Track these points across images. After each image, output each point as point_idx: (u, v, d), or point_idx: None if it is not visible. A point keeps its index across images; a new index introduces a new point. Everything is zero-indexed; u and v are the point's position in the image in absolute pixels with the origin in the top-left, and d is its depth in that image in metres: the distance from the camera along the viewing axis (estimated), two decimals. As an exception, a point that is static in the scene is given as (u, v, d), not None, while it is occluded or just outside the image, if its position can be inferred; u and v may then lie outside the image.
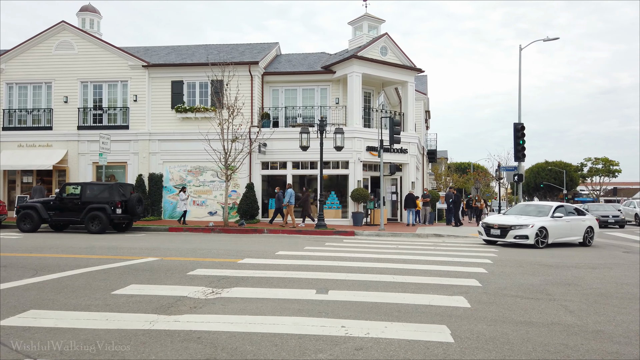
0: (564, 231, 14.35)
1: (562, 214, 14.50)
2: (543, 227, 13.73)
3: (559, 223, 14.25)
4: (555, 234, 14.05)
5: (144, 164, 22.54)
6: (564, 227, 14.37)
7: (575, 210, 15.32)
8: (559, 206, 15.00)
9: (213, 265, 8.68)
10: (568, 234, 14.45)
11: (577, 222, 14.76)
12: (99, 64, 23.03)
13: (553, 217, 14.27)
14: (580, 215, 15.12)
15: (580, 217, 15.00)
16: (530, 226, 13.66)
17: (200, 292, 6.26)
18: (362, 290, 6.59)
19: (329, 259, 9.88)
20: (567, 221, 14.47)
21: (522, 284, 7.38)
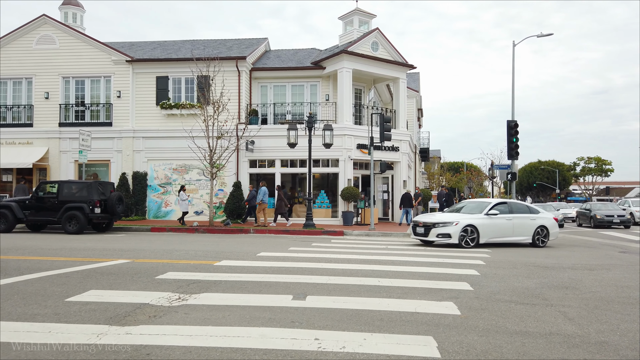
0: (503, 230, 13.21)
1: (498, 211, 13.29)
2: (471, 225, 12.70)
3: (494, 221, 13.12)
4: (489, 233, 12.97)
5: (128, 162, 21.85)
6: (503, 226, 13.20)
7: (526, 208, 14.09)
8: (498, 203, 13.72)
9: (187, 268, 8.09)
10: (508, 234, 13.29)
11: (523, 221, 13.49)
12: (81, 58, 22.31)
13: (488, 214, 13.15)
14: (531, 213, 13.81)
15: (529, 216, 13.68)
16: (454, 224, 12.67)
17: (165, 299, 5.68)
18: (344, 296, 6.04)
19: (313, 260, 9.33)
20: (507, 219, 13.29)
21: (517, 288, 6.87)
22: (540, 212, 14.04)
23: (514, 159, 22.53)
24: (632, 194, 72.87)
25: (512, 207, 13.80)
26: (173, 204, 21.77)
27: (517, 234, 13.43)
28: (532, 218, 13.70)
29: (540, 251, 12.37)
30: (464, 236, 12.66)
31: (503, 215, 13.34)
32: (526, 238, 13.53)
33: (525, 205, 14.32)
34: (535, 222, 13.64)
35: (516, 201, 14.51)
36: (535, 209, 14.22)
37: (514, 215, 13.52)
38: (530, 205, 14.69)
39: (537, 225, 13.61)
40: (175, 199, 21.73)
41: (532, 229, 13.55)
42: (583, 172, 72.09)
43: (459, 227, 12.64)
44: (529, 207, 14.21)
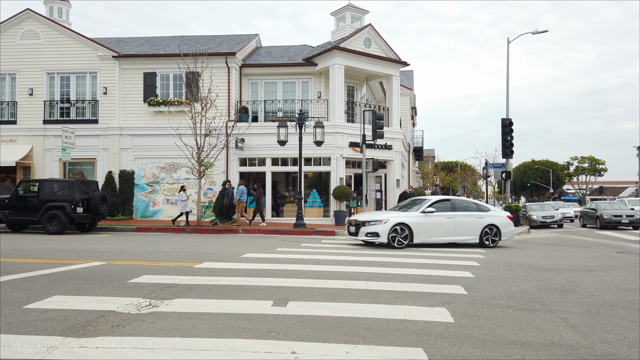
0: (443, 229, 12.33)
1: (435, 209, 12.36)
2: (402, 223, 11.87)
3: (431, 220, 12.23)
4: (426, 232, 12.13)
5: (115, 161, 21.29)
6: (443, 225, 12.33)
7: (474, 206, 13.08)
8: (439, 200, 12.79)
9: (164, 270, 7.62)
10: (449, 233, 12.40)
11: (468, 219, 12.58)
12: (66, 54, 21.71)
13: (424, 212, 12.26)
14: (480, 211, 12.89)
15: (476, 214, 12.75)
16: (382, 222, 11.87)
17: (134, 306, 5.21)
18: (328, 301, 5.60)
19: (300, 262, 8.88)
20: (448, 217, 12.40)
21: (514, 291, 6.46)
22: (491, 210, 13.20)
23: (508, 157, 22.23)
24: (626, 193, 73.05)
25: (455, 204, 12.87)
26: (161, 203, 21.25)
27: (460, 234, 12.52)
28: (479, 216, 12.78)
29: (537, 252, 12.00)
30: (395, 236, 11.82)
31: (442, 213, 12.44)
32: (472, 238, 12.62)
33: (474, 203, 13.31)
34: (483, 220, 12.73)
35: (462, 198, 13.54)
36: (485, 207, 13.29)
37: (457, 213, 12.59)
38: (481, 202, 13.68)
39: (486, 224, 12.69)
40: (162, 199, 21.23)
41: (479, 228, 12.65)
42: (577, 172, 72.16)
43: (388, 226, 11.81)
44: (477, 205, 13.22)
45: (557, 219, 24.55)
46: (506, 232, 13.02)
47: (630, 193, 69.25)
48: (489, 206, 13.55)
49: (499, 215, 13.15)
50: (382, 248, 11.91)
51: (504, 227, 12.97)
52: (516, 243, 14.60)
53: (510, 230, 13.21)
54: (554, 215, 24.59)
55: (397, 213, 12.65)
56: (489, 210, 13.16)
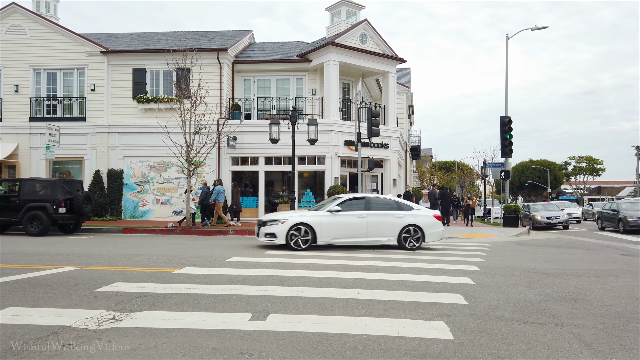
0: (353, 230, 11.33)
1: (340, 208, 11.37)
2: (303, 223, 11.02)
3: (339, 219, 11.27)
4: (332, 232, 11.19)
5: (103, 159, 20.65)
6: (352, 225, 11.32)
7: (394, 204, 11.94)
8: (351, 198, 11.81)
9: (139, 277, 7.04)
10: (361, 234, 11.38)
11: (383, 219, 11.51)
12: (53, 50, 21.06)
13: (330, 211, 11.33)
14: (400, 210, 11.78)
15: (394, 213, 11.64)
16: (280, 222, 11.07)
17: (94, 320, 4.64)
18: (314, 314, 5.03)
19: (288, 267, 8.31)
20: (359, 217, 11.36)
21: (518, 301, 5.91)
22: (414, 210, 12.01)
23: (507, 156, 21.73)
24: (624, 193, 72.78)
25: (370, 203, 11.80)
26: (151, 203, 20.64)
27: (374, 234, 11.47)
28: (397, 216, 11.65)
29: (538, 254, 11.46)
30: (295, 236, 10.99)
31: (352, 213, 11.43)
32: (388, 239, 11.56)
33: (394, 201, 12.13)
34: (402, 220, 11.61)
35: (380, 196, 12.45)
36: (407, 206, 12.11)
37: (371, 212, 11.53)
38: (402, 201, 12.51)
39: (405, 225, 11.56)
40: (152, 199, 20.63)
41: (397, 229, 11.54)
42: (574, 172, 71.83)
43: (286, 226, 10.98)
44: (398, 204, 12.06)
45: (563, 220, 23.14)
46: (431, 234, 11.83)
47: (629, 193, 68.98)
48: (412, 205, 12.33)
49: (422, 215, 11.93)
50: (378, 251, 11.35)
51: (428, 228, 11.77)
52: (516, 245, 14.07)
53: (437, 232, 12.00)
54: (560, 216, 23.19)
55: (300, 212, 12.11)
56: (411, 209, 11.95)
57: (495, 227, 21.05)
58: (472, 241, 14.94)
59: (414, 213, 11.89)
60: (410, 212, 11.86)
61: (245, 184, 21.62)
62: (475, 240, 15.31)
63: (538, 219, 22.97)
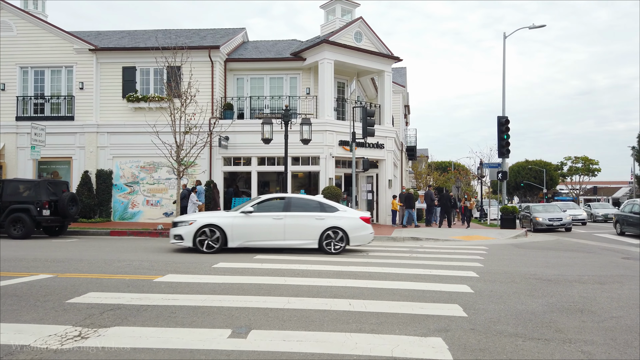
0: (268, 232, 10.75)
1: (255, 209, 10.89)
2: (213, 225, 10.53)
3: (253, 221, 10.73)
4: (245, 234, 10.67)
5: (92, 159, 20.15)
6: (268, 227, 10.73)
7: (317, 205, 11.18)
8: (269, 199, 11.33)
9: (117, 285, 6.60)
10: (277, 237, 10.76)
11: (303, 221, 10.85)
12: (41, 47, 20.54)
13: (244, 212, 10.82)
14: (323, 212, 11.05)
15: (315, 215, 10.93)
16: (188, 223, 10.68)
17: (57, 337, 4.21)
18: (300, 329, 4.61)
19: (277, 273, 7.89)
20: (275, 218, 10.76)
21: (521, 312, 5.52)
22: (339, 211, 11.25)
23: (504, 156, 21.40)
24: (620, 193, 72.80)
25: (290, 203, 11.13)
26: (141, 204, 20.16)
27: (292, 237, 10.83)
28: (319, 217, 10.95)
29: (538, 258, 11.08)
30: (204, 239, 10.50)
31: (268, 214, 10.87)
32: (308, 242, 10.88)
33: (317, 202, 11.34)
34: (323, 222, 10.91)
35: (303, 197, 11.80)
36: (331, 207, 11.31)
37: (289, 213, 10.90)
38: (327, 202, 11.60)
39: (327, 227, 10.86)
40: (142, 200, 20.15)
41: (318, 231, 10.84)
42: (570, 172, 71.71)
43: (193, 228, 10.53)
44: (321, 205, 11.28)
45: (565, 222, 21.62)
46: (356, 237, 11.10)
47: (624, 193, 68.98)
48: (339, 206, 11.55)
49: (347, 217, 11.16)
50: (373, 256, 10.94)
51: (353, 231, 11.03)
52: (515, 248, 13.71)
53: (363, 235, 11.24)
54: (562, 218, 21.76)
55: (213, 213, 11.72)
56: (335, 211, 11.20)
57: (492, 229, 20.70)
58: (469, 244, 14.57)
59: (338, 215, 11.13)
60: (334, 214, 11.12)
61: (235, 185, 21.20)
62: (473, 242, 14.94)
63: (539, 221, 21.72)
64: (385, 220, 21.88)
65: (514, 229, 19.90)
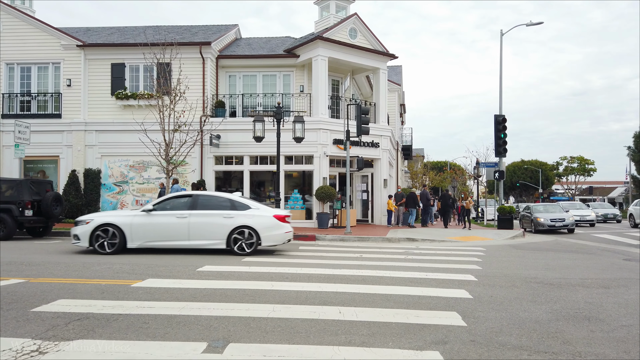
0: (171, 232, 10.23)
1: (158, 207, 10.42)
2: (111, 224, 10.07)
3: (154, 220, 10.23)
4: (145, 234, 10.18)
5: (79, 158, 19.63)
6: (170, 226, 10.21)
7: (228, 203, 10.53)
8: (174, 197, 10.82)
9: (91, 292, 6.15)
10: (181, 236, 10.23)
11: (209, 220, 10.27)
12: (27, 43, 20.00)
13: (146, 211, 10.37)
14: (234, 210, 10.42)
15: (224, 213, 10.34)
16: (85, 222, 10.21)
17: (12, 353, 3.79)
18: (283, 342, 4.19)
19: (265, 277, 7.47)
20: (179, 217, 10.24)
21: (524, 321, 5.12)
22: (250, 209, 10.55)
23: (501, 156, 21.07)
24: (615, 193, 72.81)
25: (197, 201, 10.53)
26: (130, 204, 19.66)
27: (197, 237, 10.26)
28: (227, 216, 10.33)
29: (538, 260, 10.70)
30: (102, 239, 10.04)
31: (172, 212, 10.32)
32: (214, 242, 10.28)
33: (228, 200, 10.63)
34: (232, 221, 10.28)
35: (213, 194, 11.18)
36: (243, 205, 10.60)
37: (195, 212, 10.32)
38: (239, 199, 10.77)
39: (236, 226, 10.25)
40: (132, 200, 19.65)
41: (225, 231, 10.25)
42: (566, 172, 71.67)
43: (89, 227, 10.07)
44: (232, 203, 10.58)
45: (568, 223, 20.27)
46: (269, 237, 10.43)
47: (620, 193, 69.00)
48: (253, 204, 10.83)
49: (258, 215, 10.48)
50: (367, 258, 10.53)
51: (265, 230, 10.37)
52: (513, 249, 13.34)
53: (277, 234, 10.54)
54: (565, 218, 20.43)
55: (113, 212, 11.19)
56: (247, 209, 10.54)
57: (489, 229, 20.34)
58: (466, 245, 14.19)
59: (249, 213, 10.46)
60: (245, 212, 10.46)
61: (227, 185, 20.73)
62: (470, 243, 14.56)
63: (540, 221, 20.51)
64: (381, 221, 21.49)
65: (511, 230, 19.55)
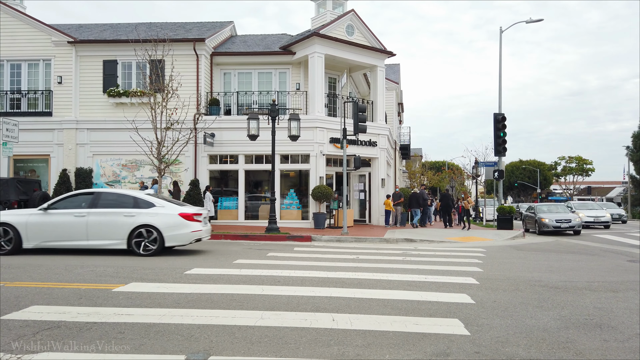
0: (69, 231, 9.71)
1: (57, 205, 9.95)
2: (4, 223, 9.64)
3: (51, 219, 9.74)
4: (41, 234, 9.68)
5: (70, 157, 19.20)
6: (68, 225, 9.69)
7: (131, 201, 9.99)
8: (77, 194, 10.29)
9: (68, 297, 5.76)
10: (80, 236, 9.72)
11: (108, 219, 9.74)
12: (17, 39, 19.55)
13: (42, 209, 9.90)
14: (136, 208, 9.90)
15: (125, 211, 9.81)
16: None
17: (-34, 368, 3.38)
18: (270, 355, 3.82)
19: (255, 281, 7.09)
20: (77, 216, 9.72)
21: (532, 329, 4.75)
22: (155, 207, 9.99)
23: (501, 155, 20.71)
24: (614, 193, 72.66)
25: (99, 199, 10.00)
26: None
27: (96, 237, 9.74)
28: (128, 214, 9.80)
29: (540, 261, 10.35)
30: None
31: (70, 211, 9.81)
32: (115, 242, 9.76)
33: (132, 198, 10.11)
34: (133, 220, 9.75)
35: (116, 191, 10.61)
36: (147, 203, 10.04)
37: (95, 210, 9.80)
38: (144, 197, 10.25)
39: (137, 225, 9.72)
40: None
41: (125, 230, 9.73)
42: (564, 172, 71.44)
43: None
44: (136, 200, 10.04)
45: (575, 224, 19.33)
46: (173, 236, 9.87)
47: (618, 193, 68.83)
48: (158, 201, 10.21)
49: (162, 214, 9.90)
50: (362, 261, 10.16)
51: (169, 229, 9.81)
52: (514, 250, 12.99)
53: (182, 234, 9.96)
54: (571, 219, 19.46)
55: (10, 211, 10.46)
56: (151, 207, 9.98)
57: (489, 230, 20.01)
58: (465, 246, 13.84)
59: (152, 211, 9.90)
60: (148, 210, 9.90)
61: (222, 184, 20.34)
62: (469, 244, 14.22)
63: (545, 222, 19.40)
64: (378, 221, 21.12)
65: (511, 230, 19.21)
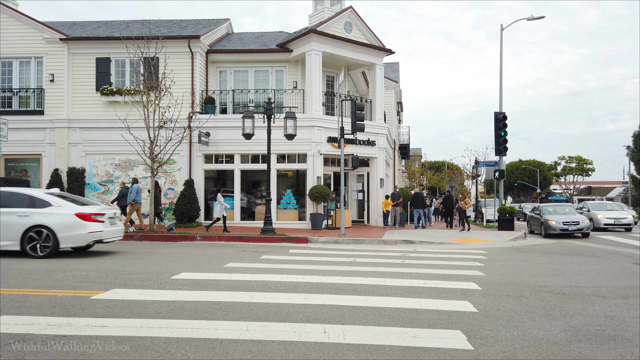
0: None
1: None
2: None
3: None
4: None
5: (63, 157, 18.81)
6: None
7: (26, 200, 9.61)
8: None
9: (42, 305, 5.37)
10: None
11: (3, 219, 9.32)
12: (8, 36, 19.14)
13: None
14: (32, 207, 9.48)
15: (19, 211, 9.41)
16: None
17: None
18: (252, 374, 3.43)
19: (245, 287, 6.71)
20: None
21: (539, 341, 4.38)
22: (51, 206, 9.55)
23: (502, 154, 20.36)
24: (614, 193, 72.33)
25: None
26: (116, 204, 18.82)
27: None
28: (22, 214, 9.37)
29: (543, 264, 9.96)
30: None
31: None
32: (8, 243, 9.31)
33: (28, 196, 9.69)
34: (26, 220, 9.32)
35: (10, 189, 10.04)
36: (43, 202, 9.59)
37: None
38: (40, 195, 9.81)
39: (30, 226, 9.29)
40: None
41: (18, 231, 9.28)
42: (564, 172, 71.08)
43: None
44: (32, 199, 9.61)
45: (583, 227, 18.09)
46: (67, 237, 9.43)
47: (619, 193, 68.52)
48: (55, 201, 9.74)
49: (57, 213, 9.46)
50: (361, 263, 9.78)
51: (64, 230, 9.37)
52: (516, 252, 12.62)
53: (77, 235, 9.50)
54: (579, 221, 18.17)
55: None
56: (47, 206, 9.53)
57: (489, 231, 19.62)
58: (466, 247, 13.46)
59: (47, 211, 9.46)
60: (43, 210, 9.46)
61: (218, 184, 19.94)
62: (470, 246, 13.84)
63: (552, 225, 18.18)
64: (377, 222, 20.74)
65: (512, 231, 18.83)
